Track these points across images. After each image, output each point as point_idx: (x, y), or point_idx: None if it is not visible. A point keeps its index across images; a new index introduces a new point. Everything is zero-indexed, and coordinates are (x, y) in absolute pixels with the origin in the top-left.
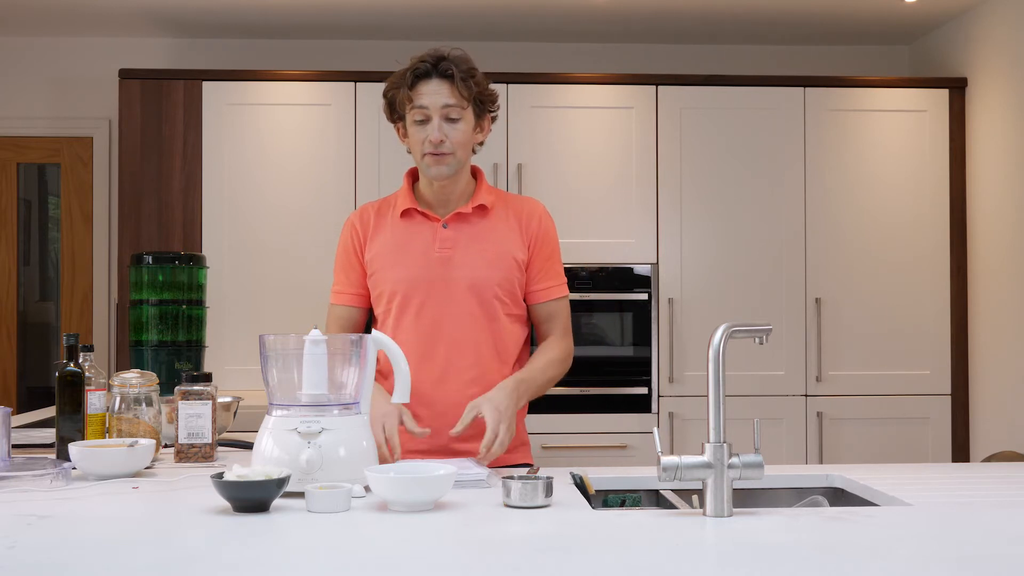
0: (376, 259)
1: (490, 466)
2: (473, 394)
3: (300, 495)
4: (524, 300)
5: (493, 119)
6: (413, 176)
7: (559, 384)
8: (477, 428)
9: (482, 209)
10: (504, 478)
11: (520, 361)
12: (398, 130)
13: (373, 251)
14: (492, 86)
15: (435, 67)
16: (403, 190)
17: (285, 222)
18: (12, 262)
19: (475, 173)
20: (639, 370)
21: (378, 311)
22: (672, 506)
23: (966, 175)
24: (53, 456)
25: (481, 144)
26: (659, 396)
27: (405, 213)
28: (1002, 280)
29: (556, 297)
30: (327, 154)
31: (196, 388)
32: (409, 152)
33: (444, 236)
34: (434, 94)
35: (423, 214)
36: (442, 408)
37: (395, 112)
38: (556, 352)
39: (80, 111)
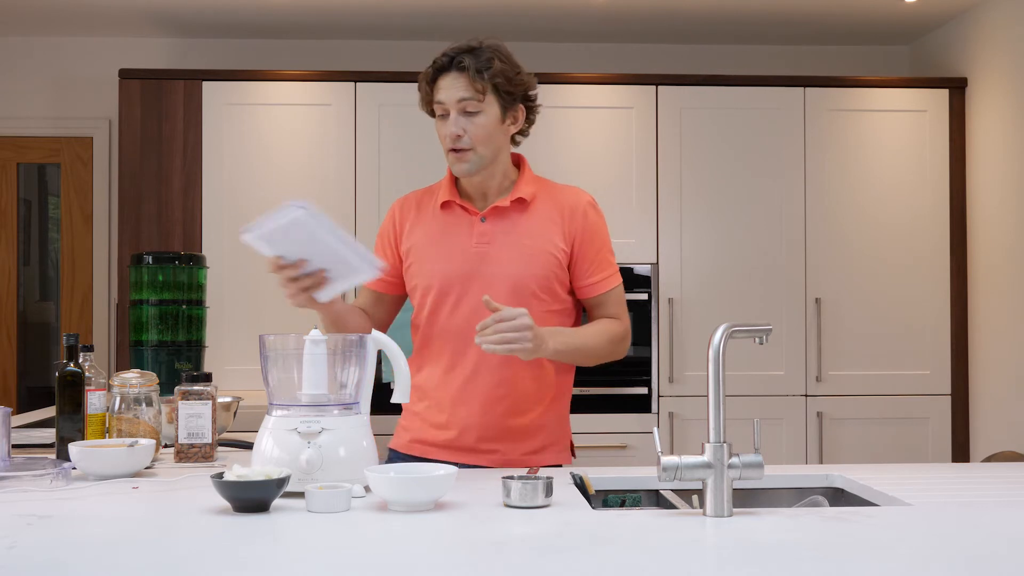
0: (413, 250)
1: (528, 463)
2: (501, 395)
3: (300, 495)
4: (575, 294)
5: (531, 109)
6: None
7: None
8: (500, 431)
9: (521, 203)
10: (504, 478)
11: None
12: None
13: (411, 241)
14: (528, 76)
15: (453, 60)
16: (445, 180)
17: None
18: (12, 262)
19: (519, 163)
20: (639, 370)
21: (413, 302)
22: (672, 506)
23: (966, 175)
24: (53, 456)
25: (522, 134)
26: (659, 396)
27: (445, 205)
28: (1002, 280)
29: (609, 288)
30: (327, 154)
31: (196, 388)
32: None
33: (482, 230)
34: (450, 88)
35: (463, 207)
36: (470, 407)
37: (427, 107)
38: (605, 326)
39: (80, 111)
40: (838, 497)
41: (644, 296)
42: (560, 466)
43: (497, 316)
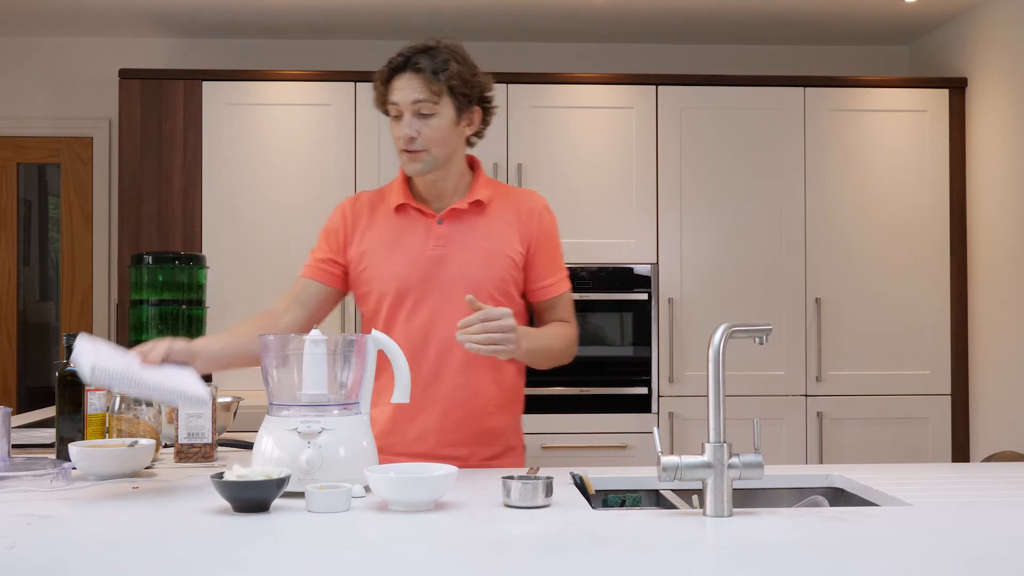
0: (367, 255)
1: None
2: (463, 397)
3: (300, 495)
4: (526, 296)
5: (487, 111)
6: None
7: (559, 384)
8: (461, 436)
9: (478, 205)
10: (504, 478)
11: (513, 360)
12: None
13: (364, 246)
14: (485, 77)
15: (408, 61)
16: (398, 182)
17: (285, 222)
18: (12, 262)
19: (473, 165)
20: (639, 370)
21: (365, 309)
22: (672, 506)
23: (966, 175)
24: (53, 456)
25: (477, 135)
26: (659, 396)
27: (400, 208)
28: (1002, 280)
29: (560, 293)
30: (327, 154)
31: None
32: None
33: (439, 233)
34: (404, 89)
35: (418, 209)
36: (430, 412)
37: (382, 107)
38: (563, 329)
39: (80, 111)
40: (838, 497)
41: (644, 296)
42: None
43: (482, 315)
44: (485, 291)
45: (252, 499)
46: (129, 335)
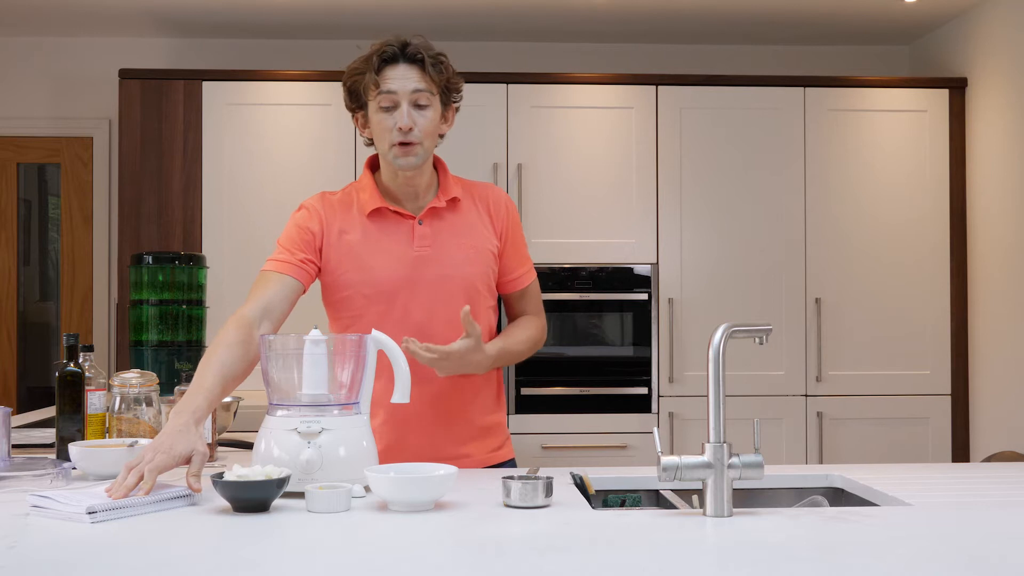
0: (348, 258)
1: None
2: (461, 393)
3: (300, 495)
4: (497, 288)
5: (457, 110)
6: (372, 166)
7: (559, 384)
8: (470, 432)
9: (454, 202)
10: (504, 478)
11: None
12: (356, 120)
13: (343, 248)
14: (466, 81)
15: (402, 51)
16: (366, 184)
17: (285, 222)
18: (12, 262)
19: (437, 164)
20: (639, 370)
21: (343, 313)
22: (672, 506)
23: (966, 175)
24: (53, 456)
25: (442, 136)
26: (659, 396)
27: (375, 212)
28: (1002, 280)
29: (531, 281)
30: (327, 154)
31: None
32: (368, 144)
33: (421, 233)
34: (403, 79)
35: (395, 212)
36: (431, 413)
37: (357, 100)
38: (534, 330)
39: (80, 111)
40: (838, 497)
41: (644, 296)
42: (513, 459)
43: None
44: (474, 287)
45: (252, 499)
46: (129, 335)
